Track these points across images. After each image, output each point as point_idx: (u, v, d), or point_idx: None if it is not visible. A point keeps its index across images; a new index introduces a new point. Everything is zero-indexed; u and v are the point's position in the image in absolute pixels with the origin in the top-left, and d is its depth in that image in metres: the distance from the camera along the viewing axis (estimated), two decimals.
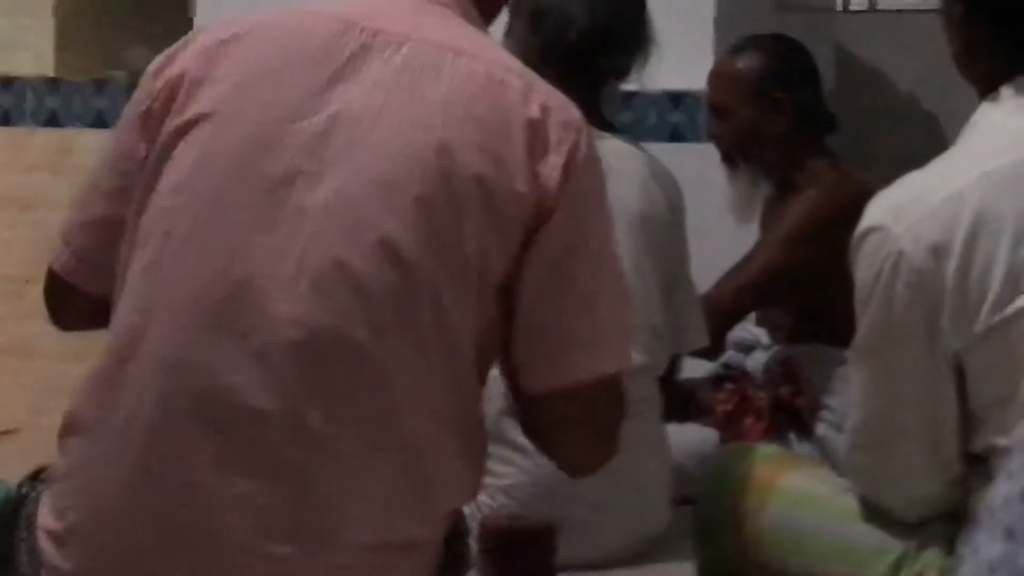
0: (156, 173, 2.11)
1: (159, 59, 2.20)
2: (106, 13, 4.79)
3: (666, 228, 3.24)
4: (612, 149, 3.12)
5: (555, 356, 2.13)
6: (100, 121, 4.65)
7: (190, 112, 2.10)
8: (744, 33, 4.02)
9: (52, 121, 4.50)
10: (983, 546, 0.71)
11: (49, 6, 4.58)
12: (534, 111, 2.10)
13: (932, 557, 2.20)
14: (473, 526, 2.84)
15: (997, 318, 2.02)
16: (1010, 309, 2.01)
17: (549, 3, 3.15)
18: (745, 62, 3.86)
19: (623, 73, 3.26)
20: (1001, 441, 1.96)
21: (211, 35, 2.19)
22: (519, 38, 3.13)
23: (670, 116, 4.30)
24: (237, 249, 2.05)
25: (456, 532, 2.33)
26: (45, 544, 2.15)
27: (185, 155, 2.09)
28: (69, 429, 2.14)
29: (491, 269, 2.08)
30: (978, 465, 2.08)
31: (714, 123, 3.88)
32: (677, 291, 3.27)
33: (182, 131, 2.10)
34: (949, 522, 2.16)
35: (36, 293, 2.42)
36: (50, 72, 4.62)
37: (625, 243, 3.07)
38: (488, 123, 2.09)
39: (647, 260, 3.16)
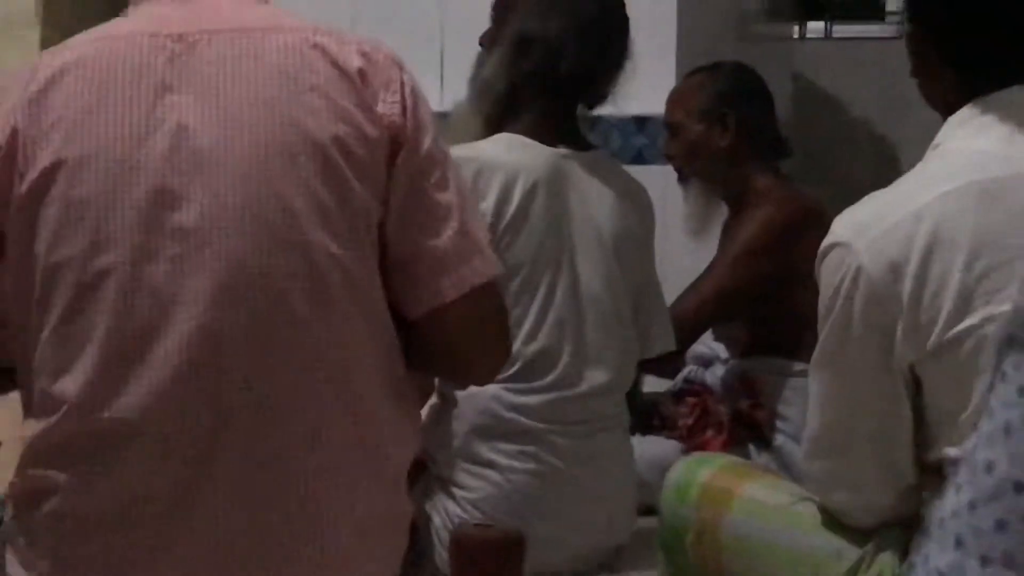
0: (24, 242, 2.07)
1: None
2: None
3: (638, 243, 3.24)
4: (590, 164, 3.18)
5: (429, 275, 2.15)
6: None
7: (36, 169, 2.05)
8: (705, 61, 4.05)
9: None
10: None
11: (36, 35, 4.58)
12: (357, 61, 2.12)
13: (886, 563, 2.20)
14: (444, 536, 2.84)
15: (949, 335, 2.03)
16: (961, 326, 2.01)
17: (537, 32, 3.12)
18: (696, 82, 3.91)
19: (604, 100, 3.26)
20: (952, 452, 1.96)
21: (26, 90, 2.11)
22: (501, 61, 3.12)
23: (634, 139, 4.32)
24: (133, 280, 2.03)
25: (419, 531, 2.32)
26: None
27: (48, 213, 2.05)
28: (24, 496, 2.13)
29: (371, 215, 2.10)
30: (932, 475, 2.08)
31: (669, 141, 3.92)
32: (645, 300, 3.27)
33: (37, 188, 2.05)
34: (903, 529, 2.17)
35: None
36: None
37: (600, 269, 3.09)
38: (322, 86, 2.09)
39: (620, 283, 3.16)
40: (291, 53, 2.11)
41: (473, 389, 2.94)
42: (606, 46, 3.20)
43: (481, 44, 3.24)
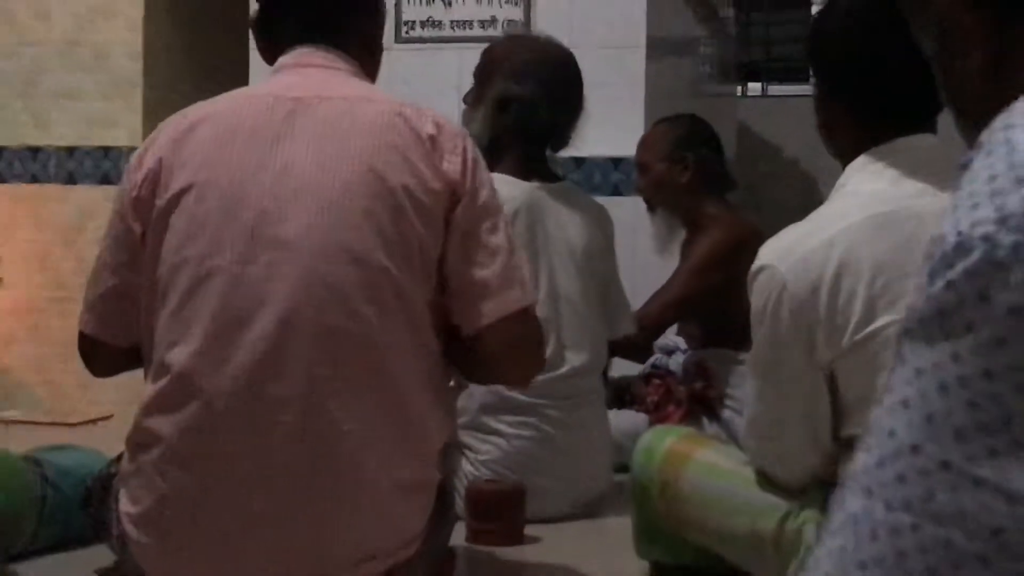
0: (157, 242, 2.12)
1: (134, 158, 2.23)
2: (183, 99, 4.77)
3: (601, 252, 3.25)
4: (559, 192, 3.21)
5: (483, 300, 2.18)
6: None
7: (172, 190, 2.12)
8: (667, 113, 4.04)
9: None
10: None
11: (140, 94, 4.56)
12: (430, 128, 2.17)
13: (810, 514, 2.19)
14: (461, 489, 2.84)
15: (858, 336, 2.02)
16: (868, 329, 2.01)
17: (513, 94, 3.13)
18: (660, 130, 3.91)
19: (566, 144, 3.28)
20: (863, 431, 1.95)
21: (174, 128, 2.20)
22: (486, 115, 3.14)
23: (611, 176, 4.30)
24: (241, 282, 2.07)
25: (445, 490, 2.32)
26: (127, 526, 2.15)
27: (177, 223, 2.11)
28: (135, 442, 2.15)
29: (428, 250, 2.13)
30: (846, 448, 2.08)
31: (639, 178, 3.93)
32: (611, 294, 3.28)
33: (170, 204, 2.11)
34: (824, 488, 2.16)
35: None
36: (140, 143, 4.59)
37: (574, 277, 3.12)
38: (399, 145, 2.13)
39: (591, 288, 3.19)
40: (379, 118, 2.16)
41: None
42: (567, 103, 3.21)
43: (465, 102, 3.27)
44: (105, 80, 4.54)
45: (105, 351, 2.32)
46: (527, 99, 3.12)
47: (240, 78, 4.26)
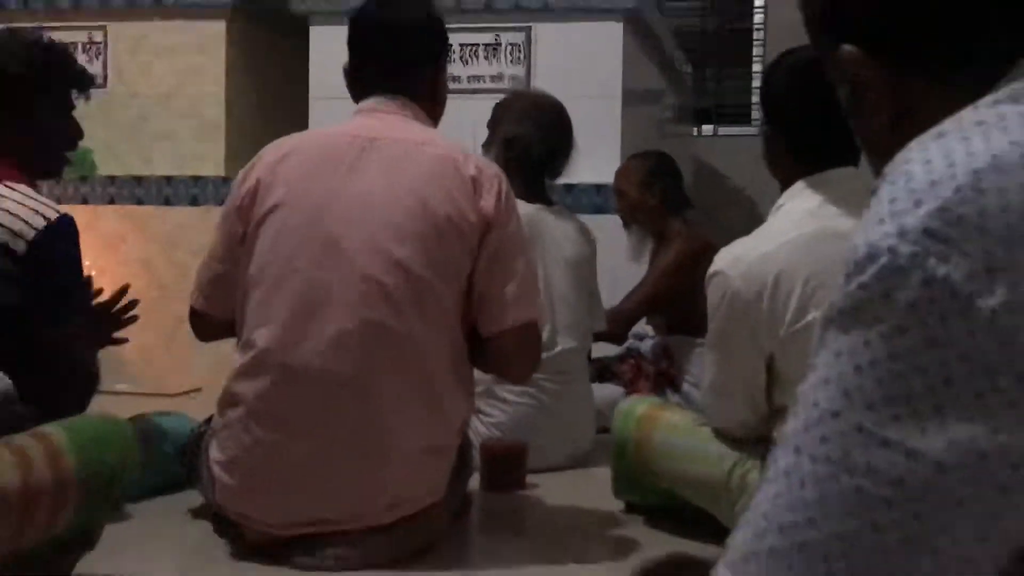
0: (253, 243, 2.16)
1: (240, 175, 2.26)
2: (256, 139, 4.79)
3: (587, 263, 3.24)
4: (555, 213, 3.22)
5: (499, 310, 2.21)
6: None
7: (267, 204, 2.16)
8: (638, 150, 4.05)
9: (222, 202, 4.50)
10: (780, 457, 0.71)
11: (223, 135, 4.57)
12: (473, 170, 2.19)
13: (752, 463, 2.20)
14: (476, 446, 2.84)
15: (793, 329, 2.03)
16: (800, 324, 2.01)
17: (517, 132, 3.14)
18: (634, 163, 3.92)
19: (560, 174, 3.29)
20: (793, 401, 1.95)
21: (272, 155, 2.23)
22: (496, 152, 3.13)
23: (595, 199, 4.31)
24: (314, 283, 2.10)
25: (464, 449, 2.33)
26: (216, 470, 2.16)
27: (268, 230, 2.15)
28: (225, 402, 2.18)
29: (463, 269, 2.16)
30: (780, 414, 2.09)
31: (616, 201, 3.93)
32: (591, 298, 3.28)
33: (265, 216, 2.16)
34: (763, 443, 2.16)
35: None
36: (223, 173, 4.60)
37: (566, 279, 3.13)
38: (447, 183, 2.16)
39: (580, 288, 3.19)
40: (433, 160, 2.18)
41: None
42: (558, 141, 3.22)
43: (483, 147, 3.26)
44: (196, 124, 4.56)
45: (209, 322, 2.35)
46: (526, 137, 3.13)
47: (300, 120, 4.27)
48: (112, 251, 4.45)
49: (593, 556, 2.26)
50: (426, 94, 2.34)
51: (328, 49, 4.54)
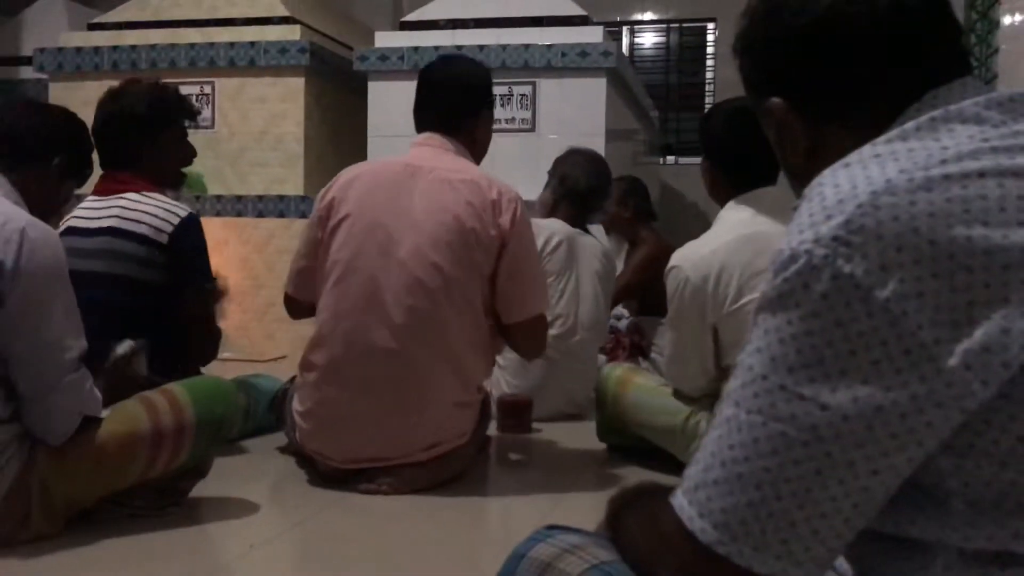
0: (329, 245, 2.14)
1: (321, 192, 2.23)
2: (327, 168, 4.78)
3: (609, 278, 3.19)
4: (588, 239, 3.15)
5: (514, 306, 2.18)
6: None
7: (339, 215, 2.14)
8: (617, 175, 4.03)
9: (304, 216, 4.49)
10: (723, 409, 0.71)
11: (301, 164, 4.56)
12: (495, 194, 2.14)
13: (703, 415, 2.19)
14: (494, 399, 2.84)
15: (732, 308, 2.02)
16: (737, 304, 2.01)
17: (568, 171, 3.11)
18: (613, 185, 3.86)
19: (601, 207, 3.23)
20: (735, 362, 1.94)
21: (344, 178, 2.20)
22: (553, 187, 3.12)
23: None
24: (371, 277, 2.08)
25: (485, 402, 2.33)
26: (296, 418, 2.16)
27: (339, 235, 2.13)
28: (303, 366, 2.18)
29: (484, 269, 2.12)
30: (724, 374, 2.08)
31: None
32: (607, 299, 3.21)
33: (337, 224, 2.13)
34: (711, 399, 2.16)
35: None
36: (302, 192, 4.60)
37: (591, 285, 3.09)
38: (475, 203, 2.11)
39: (601, 294, 3.12)
40: (464, 185, 2.14)
41: None
42: (599, 182, 3.15)
43: (545, 186, 3.20)
44: (281, 156, 4.56)
45: (298, 304, 2.32)
46: (575, 177, 3.10)
47: (360, 153, 4.27)
48: (218, 252, 4.43)
49: (581, 484, 2.26)
50: (467, 135, 2.30)
51: (382, 99, 4.55)
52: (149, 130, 2.29)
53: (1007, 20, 2.76)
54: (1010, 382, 0.62)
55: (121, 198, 2.20)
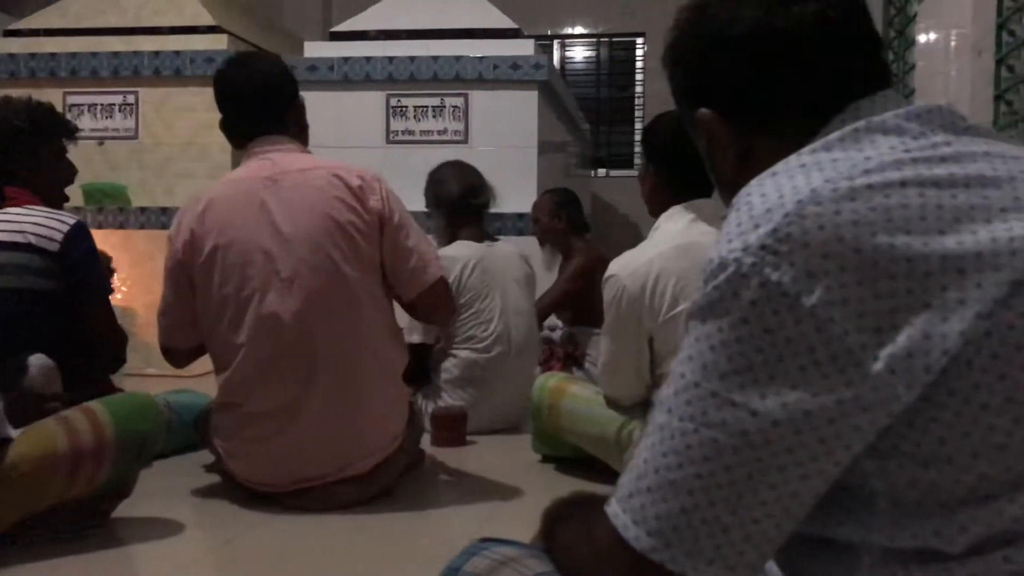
0: (207, 284, 2.06)
1: (172, 230, 2.12)
2: None
3: (531, 282, 3.18)
4: (498, 247, 3.14)
5: (410, 281, 2.14)
6: None
7: (205, 250, 2.05)
8: (550, 187, 4.06)
9: None
10: (656, 416, 0.71)
11: (228, 173, 4.50)
12: (356, 180, 2.09)
13: (637, 423, 2.20)
14: (428, 412, 2.82)
15: (667, 316, 2.04)
16: (672, 312, 2.03)
17: (437, 190, 3.06)
18: (547, 197, 3.90)
19: (487, 206, 3.16)
20: (668, 370, 1.96)
21: (194, 210, 2.10)
22: (436, 214, 3.07)
23: (517, 224, 4.30)
24: (267, 305, 2.01)
25: (414, 411, 2.30)
26: (221, 451, 2.13)
27: (215, 272, 2.04)
28: (221, 408, 2.12)
29: (372, 257, 2.08)
30: (658, 382, 2.09)
31: (533, 226, 3.91)
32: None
33: (207, 260, 2.05)
34: (645, 407, 2.17)
35: None
36: None
37: (519, 296, 3.07)
38: (340, 196, 2.07)
39: (528, 300, 3.13)
40: (323, 180, 2.09)
41: (465, 355, 2.94)
42: (473, 181, 3.11)
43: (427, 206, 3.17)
44: (208, 166, 4.47)
45: (177, 353, 2.22)
46: (449, 180, 3.06)
47: None
48: (142, 266, 4.34)
49: (516, 496, 2.25)
50: (294, 126, 2.22)
51: (311, 110, 4.42)
52: (28, 145, 2.29)
53: (922, 38, 2.86)
54: (932, 385, 0.64)
55: (4, 212, 2.19)
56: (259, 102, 2.17)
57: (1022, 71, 2.20)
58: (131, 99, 4.52)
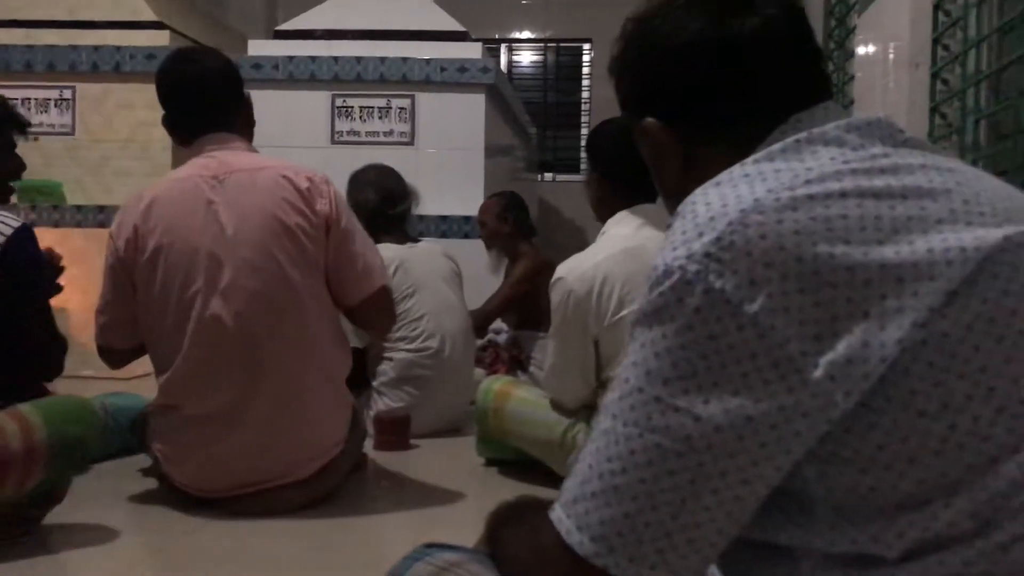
0: (148, 284, 2.01)
1: (114, 227, 2.07)
2: None
3: (457, 279, 3.18)
4: (422, 247, 3.14)
5: (354, 287, 2.11)
6: None
7: (148, 249, 2.00)
8: (496, 190, 4.05)
9: None
10: (601, 421, 0.72)
11: (169, 172, 4.43)
12: (305, 183, 2.07)
13: (582, 426, 2.21)
14: (370, 416, 2.80)
15: (613, 320, 2.05)
16: (618, 316, 2.04)
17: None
18: (492, 200, 3.88)
19: (408, 210, 3.15)
20: (613, 374, 1.97)
21: (137, 207, 2.05)
22: (354, 201, 3.00)
23: (464, 227, 4.30)
24: (209, 308, 1.98)
25: (357, 415, 2.28)
26: (159, 456, 2.08)
27: (155, 270, 2.00)
28: (160, 411, 2.08)
29: (318, 260, 2.05)
30: (603, 386, 2.10)
31: (479, 229, 3.89)
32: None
33: (150, 259, 2.00)
34: (589, 411, 2.18)
35: None
36: None
37: (448, 292, 3.06)
38: (288, 198, 2.04)
39: (457, 294, 3.12)
40: (272, 181, 2.06)
41: (400, 355, 2.91)
42: (392, 185, 3.10)
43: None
44: (148, 165, 4.39)
45: (115, 353, 2.18)
46: (362, 198, 3.01)
47: None
48: (78, 266, 4.22)
49: (460, 500, 2.25)
50: (242, 123, 2.19)
51: (255, 108, 4.43)
52: None
53: (861, 50, 2.93)
54: (870, 392, 0.65)
55: None
56: (206, 98, 2.12)
57: (956, 84, 2.27)
58: (68, 94, 4.42)
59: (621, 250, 2.07)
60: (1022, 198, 0.74)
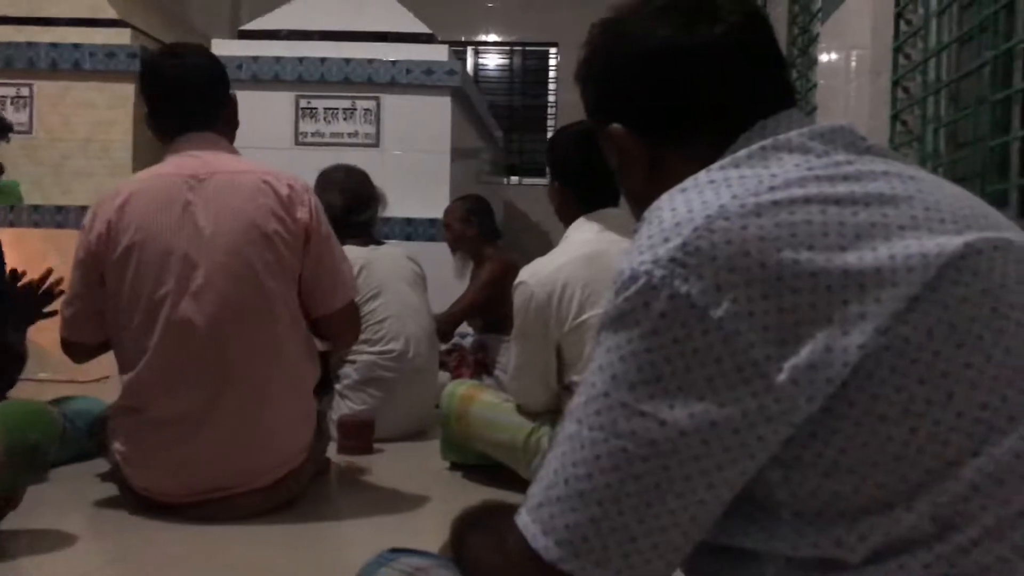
0: (119, 279, 1.98)
1: (86, 222, 2.05)
2: None
3: (421, 282, 3.18)
4: (386, 249, 3.13)
5: (326, 298, 2.10)
6: None
7: (122, 245, 1.98)
8: (462, 193, 4.05)
9: None
10: (566, 426, 0.72)
11: (130, 172, 4.34)
12: (286, 189, 2.05)
13: (545, 430, 2.21)
14: (334, 420, 2.78)
15: (574, 324, 2.05)
16: (580, 320, 2.04)
17: (331, 182, 3.03)
18: (458, 203, 3.88)
19: (374, 216, 3.15)
20: (576, 379, 1.97)
21: (113, 201, 2.02)
22: (323, 199, 3.01)
23: (430, 230, 4.29)
24: (179, 309, 1.96)
25: (321, 419, 2.26)
26: (119, 459, 2.05)
27: (129, 268, 1.97)
28: (122, 411, 2.05)
29: (293, 269, 2.04)
30: (567, 391, 2.11)
31: (445, 232, 3.88)
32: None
33: (122, 256, 1.98)
34: (553, 415, 2.18)
35: None
36: None
37: (411, 294, 3.06)
38: (268, 204, 2.02)
39: (421, 297, 3.12)
40: (252, 186, 2.04)
41: (363, 357, 2.90)
42: (358, 192, 3.09)
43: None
44: (108, 164, 4.33)
45: (79, 347, 2.14)
46: (327, 202, 2.99)
47: None
48: (35, 266, 4.17)
49: (425, 504, 2.24)
50: (225, 123, 2.16)
51: None
52: None
53: (824, 58, 2.97)
54: (833, 397, 0.66)
55: None
56: (194, 96, 2.10)
57: (917, 93, 2.31)
58: (25, 92, 4.35)
59: (582, 255, 2.08)
60: (982, 205, 0.75)
